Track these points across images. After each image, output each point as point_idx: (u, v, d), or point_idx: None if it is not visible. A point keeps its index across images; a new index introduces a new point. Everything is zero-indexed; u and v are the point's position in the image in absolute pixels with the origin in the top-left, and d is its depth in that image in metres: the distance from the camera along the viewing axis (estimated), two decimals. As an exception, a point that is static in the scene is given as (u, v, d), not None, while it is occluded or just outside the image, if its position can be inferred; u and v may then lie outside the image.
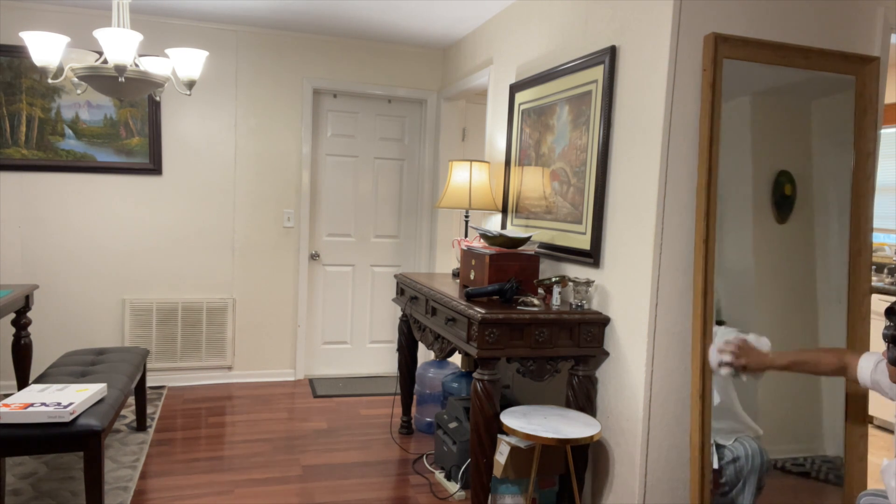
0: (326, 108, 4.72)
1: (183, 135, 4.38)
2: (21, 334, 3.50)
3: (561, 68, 2.98)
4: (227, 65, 4.42)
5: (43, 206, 4.17)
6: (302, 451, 3.47)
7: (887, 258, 4.95)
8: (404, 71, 4.79)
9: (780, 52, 2.34)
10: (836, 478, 2.48)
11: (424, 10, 3.85)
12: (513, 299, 2.71)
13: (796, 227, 2.46)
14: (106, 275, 4.31)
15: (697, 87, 2.33)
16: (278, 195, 4.60)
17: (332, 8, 3.90)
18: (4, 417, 2.32)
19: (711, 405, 2.29)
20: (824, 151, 2.50)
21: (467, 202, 3.50)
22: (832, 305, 2.50)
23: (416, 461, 3.41)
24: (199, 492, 2.94)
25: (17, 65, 4.04)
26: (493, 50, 3.90)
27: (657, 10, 2.36)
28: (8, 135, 4.06)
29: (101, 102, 4.20)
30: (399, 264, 5.00)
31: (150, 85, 2.61)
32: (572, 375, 2.62)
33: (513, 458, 2.54)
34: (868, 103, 2.48)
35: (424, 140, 4.91)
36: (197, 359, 4.49)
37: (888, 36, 2.56)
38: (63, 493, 2.82)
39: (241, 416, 3.94)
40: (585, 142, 2.79)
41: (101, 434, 2.40)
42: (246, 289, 4.58)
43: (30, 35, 2.48)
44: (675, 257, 2.37)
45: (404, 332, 3.69)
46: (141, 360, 3.34)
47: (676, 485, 2.44)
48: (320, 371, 4.88)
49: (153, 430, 3.63)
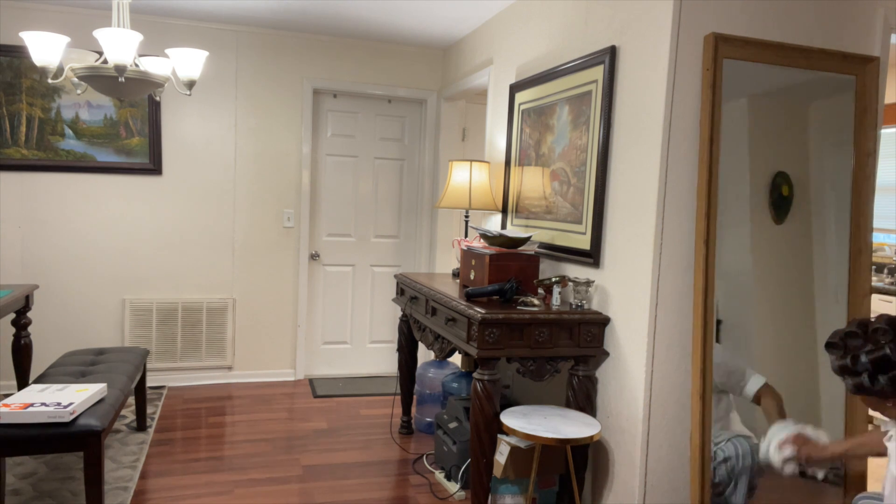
0: (326, 108, 4.72)
1: (183, 135, 4.38)
2: (21, 334, 3.50)
3: (561, 68, 2.98)
4: (227, 65, 4.42)
5: (43, 206, 4.17)
6: (302, 451, 3.47)
7: (887, 258, 4.95)
8: (404, 71, 4.79)
9: (780, 52, 2.34)
10: (836, 478, 2.48)
11: (424, 10, 3.85)
12: (513, 299, 2.71)
13: (794, 227, 2.47)
14: (106, 275, 4.31)
15: (697, 87, 2.33)
16: (278, 195, 4.60)
17: (332, 8, 3.90)
18: (4, 417, 2.32)
19: (712, 405, 2.29)
20: (822, 153, 2.50)
21: (467, 202, 3.50)
22: (830, 305, 2.50)
23: (416, 461, 3.41)
24: (199, 492, 2.94)
25: (17, 65, 4.04)
26: (493, 50, 3.90)
27: (657, 10, 2.36)
28: (8, 135, 4.06)
29: (101, 102, 4.20)
30: (399, 264, 5.00)
31: (150, 85, 2.61)
32: (572, 375, 2.62)
33: (513, 458, 2.54)
34: (868, 103, 2.48)
35: (424, 140, 4.91)
36: (197, 359, 4.49)
37: (888, 36, 2.56)
38: (63, 493, 2.82)
39: (241, 416, 3.94)
40: (585, 142, 2.79)
41: (101, 434, 2.40)
42: (246, 289, 4.58)
43: (30, 35, 2.48)
44: (675, 257, 2.37)
45: (404, 332, 3.69)
46: (141, 360, 3.34)
47: (676, 485, 2.44)
48: (320, 371, 4.88)
49: (153, 430, 3.63)
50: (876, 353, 1.69)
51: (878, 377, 1.69)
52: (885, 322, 1.75)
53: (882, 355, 1.69)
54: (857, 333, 1.76)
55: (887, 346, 1.69)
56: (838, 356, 1.78)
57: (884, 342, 1.70)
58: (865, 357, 1.71)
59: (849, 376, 1.74)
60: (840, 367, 1.76)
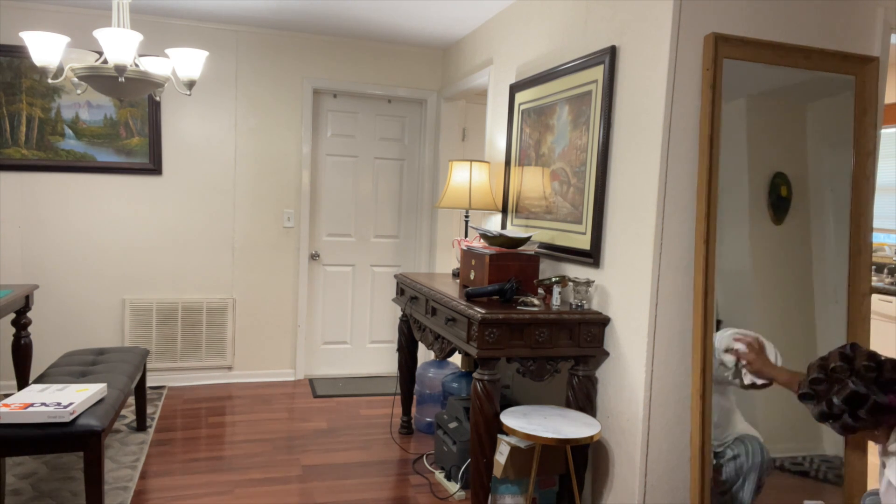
0: (326, 108, 4.72)
1: (183, 135, 4.38)
2: (21, 334, 3.50)
3: (561, 68, 2.98)
4: (227, 65, 4.42)
5: (43, 206, 4.17)
6: (302, 451, 3.47)
7: (887, 258, 4.96)
8: (404, 71, 4.79)
9: (780, 52, 2.34)
10: (836, 477, 2.48)
11: (424, 10, 3.85)
12: (513, 299, 2.71)
13: (792, 228, 2.47)
14: (106, 275, 4.31)
15: (697, 87, 2.33)
16: (278, 195, 4.60)
17: (332, 8, 3.90)
18: (4, 417, 2.32)
19: (712, 405, 2.29)
20: (820, 153, 2.50)
21: (467, 202, 3.50)
22: (829, 306, 2.50)
23: (416, 461, 3.41)
24: (198, 492, 2.94)
25: (17, 65, 4.04)
26: (493, 50, 3.90)
27: (657, 10, 2.36)
28: (8, 135, 4.06)
29: (101, 102, 4.20)
30: (399, 264, 5.00)
31: (150, 85, 2.61)
32: (572, 375, 2.62)
33: (513, 458, 2.54)
34: (868, 103, 2.48)
35: (424, 140, 4.91)
36: (197, 359, 4.49)
37: (888, 36, 2.56)
38: (63, 493, 2.82)
39: (241, 416, 3.94)
40: (585, 142, 2.79)
41: (101, 434, 2.40)
42: (246, 289, 4.58)
43: (30, 35, 2.48)
44: (675, 257, 2.37)
45: (404, 332, 3.69)
46: (141, 360, 3.34)
47: (676, 485, 2.44)
48: (320, 371, 4.88)
49: (153, 430, 3.63)
50: (844, 392, 1.68)
51: (857, 413, 1.68)
52: (838, 357, 1.74)
53: (850, 392, 1.68)
54: (820, 378, 1.76)
55: (849, 381, 1.69)
56: (814, 404, 1.77)
57: (845, 378, 1.70)
58: (837, 399, 1.70)
59: (832, 420, 1.73)
60: (820, 414, 1.74)
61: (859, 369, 1.69)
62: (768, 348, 2.18)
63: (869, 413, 1.67)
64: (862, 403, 1.67)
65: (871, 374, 1.68)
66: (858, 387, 1.67)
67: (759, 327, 2.40)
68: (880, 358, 1.73)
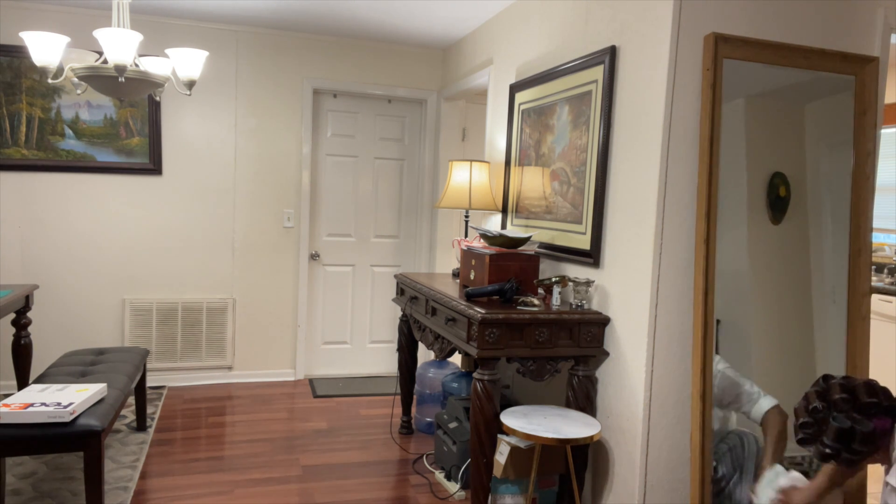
0: (326, 108, 4.72)
1: (183, 135, 4.38)
2: (21, 334, 3.50)
3: (561, 68, 2.98)
4: (227, 65, 4.42)
5: (43, 206, 4.17)
6: (302, 451, 3.47)
7: (887, 258, 4.96)
8: (404, 71, 4.79)
9: (779, 52, 2.34)
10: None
11: (424, 10, 3.85)
12: (513, 299, 2.71)
13: (791, 228, 2.47)
14: (106, 275, 4.31)
15: (697, 87, 2.33)
16: (278, 195, 4.60)
17: (332, 8, 3.90)
18: (4, 417, 2.32)
19: (712, 405, 2.29)
20: (819, 153, 2.50)
21: (467, 202, 3.50)
22: (828, 306, 2.50)
23: (416, 461, 3.41)
24: (198, 492, 2.94)
25: (17, 65, 4.04)
26: (493, 50, 3.90)
27: (657, 10, 2.36)
28: (8, 135, 4.06)
29: (101, 102, 4.20)
30: (399, 264, 5.00)
31: (150, 85, 2.61)
32: (572, 375, 2.63)
33: (513, 458, 2.54)
34: (868, 103, 2.48)
35: (424, 140, 4.91)
36: (197, 359, 4.49)
37: (888, 36, 2.56)
38: (63, 493, 2.82)
39: (241, 416, 3.94)
40: (585, 142, 2.79)
41: (101, 434, 2.40)
42: (246, 289, 4.58)
43: (30, 35, 2.48)
44: (675, 257, 2.37)
45: (404, 332, 3.69)
46: (141, 360, 3.34)
47: (676, 485, 2.44)
48: (320, 371, 4.88)
49: (153, 430, 3.63)
50: (832, 432, 1.70)
51: (852, 447, 1.70)
52: (816, 397, 1.77)
53: (837, 429, 1.69)
54: (809, 423, 1.78)
55: (832, 418, 1.71)
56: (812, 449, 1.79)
57: (828, 416, 1.72)
58: (829, 439, 1.72)
59: (833, 460, 1.74)
60: (822, 455, 1.76)
61: (836, 402, 1.71)
62: (785, 480, 2.17)
63: (863, 444, 1.69)
64: (853, 437, 1.69)
65: (848, 405, 1.70)
66: (842, 423, 1.69)
67: (757, 328, 2.40)
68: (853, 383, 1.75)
